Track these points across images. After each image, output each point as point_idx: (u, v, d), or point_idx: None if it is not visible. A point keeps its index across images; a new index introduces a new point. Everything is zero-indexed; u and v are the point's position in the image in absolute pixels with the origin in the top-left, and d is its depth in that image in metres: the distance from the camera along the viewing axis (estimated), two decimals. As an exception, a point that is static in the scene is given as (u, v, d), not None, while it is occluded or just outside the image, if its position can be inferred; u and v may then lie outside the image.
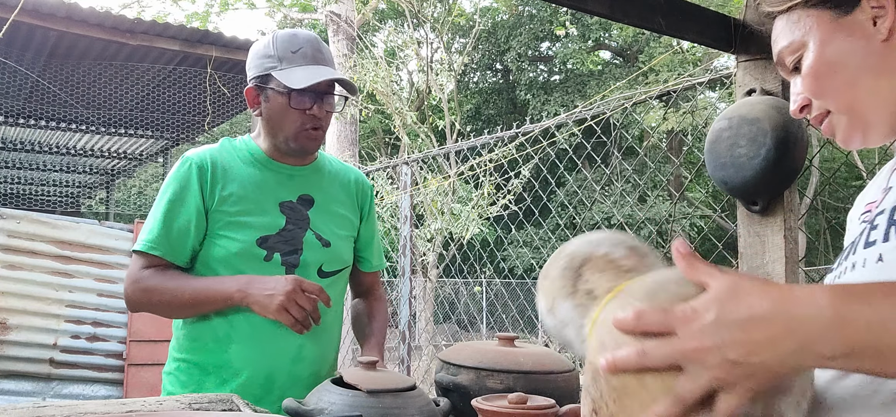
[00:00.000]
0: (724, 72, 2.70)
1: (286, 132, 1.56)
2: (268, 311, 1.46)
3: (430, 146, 8.15)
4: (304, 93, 1.53)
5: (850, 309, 0.60)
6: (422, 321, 8.73)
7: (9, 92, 5.69)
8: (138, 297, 1.53)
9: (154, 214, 1.55)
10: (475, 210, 6.83)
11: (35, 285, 4.26)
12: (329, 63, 1.59)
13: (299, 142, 1.57)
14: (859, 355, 0.60)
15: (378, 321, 1.76)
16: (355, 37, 9.11)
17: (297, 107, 1.54)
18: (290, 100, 1.54)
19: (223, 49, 5.76)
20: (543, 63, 20.14)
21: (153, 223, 1.54)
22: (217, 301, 1.50)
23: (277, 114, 1.56)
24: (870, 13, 0.79)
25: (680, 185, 14.40)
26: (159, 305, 1.54)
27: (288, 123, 1.55)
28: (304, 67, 1.53)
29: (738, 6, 5.25)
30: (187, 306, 1.53)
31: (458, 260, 6.93)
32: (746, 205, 1.85)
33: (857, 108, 0.83)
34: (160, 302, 1.53)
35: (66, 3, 5.00)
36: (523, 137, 4.00)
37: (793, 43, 0.85)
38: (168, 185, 1.56)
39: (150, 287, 1.52)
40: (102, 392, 4.50)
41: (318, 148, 1.63)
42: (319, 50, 1.58)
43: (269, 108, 1.57)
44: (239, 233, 1.53)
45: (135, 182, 9.45)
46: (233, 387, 1.51)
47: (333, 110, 1.61)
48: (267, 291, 1.46)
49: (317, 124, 1.57)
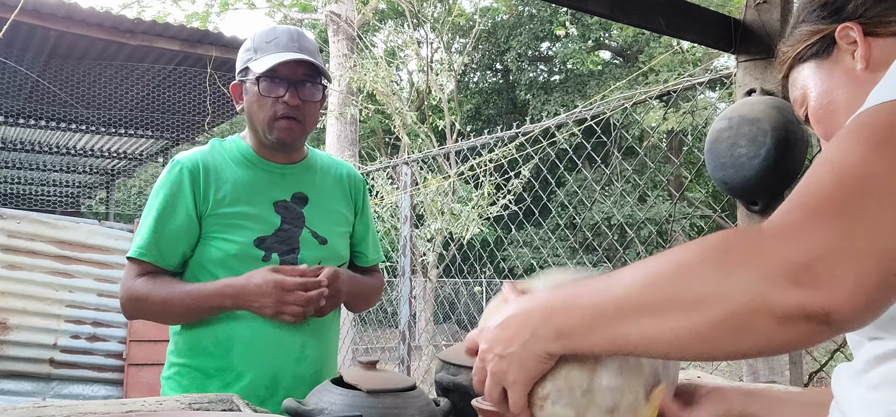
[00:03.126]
0: (724, 72, 2.69)
1: (261, 122, 1.54)
2: (259, 311, 1.49)
3: (430, 146, 8.15)
4: (275, 80, 1.51)
5: (556, 300, 0.71)
6: (422, 321, 8.73)
7: (9, 92, 5.69)
8: (132, 307, 1.54)
9: (145, 219, 1.55)
10: (475, 210, 6.83)
11: (35, 285, 4.26)
12: (306, 52, 1.54)
13: (274, 133, 1.54)
14: (570, 335, 0.69)
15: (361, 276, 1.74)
16: (355, 37, 9.11)
17: (266, 94, 1.52)
18: (259, 86, 1.52)
19: (223, 49, 5.77)
20: (543, 63, 20.14)
21: (144, 229, 1.53)
22: (209, 310, 1.52)
23: (252, 104, 1.55)
24: (847, 50, 0.85)
25: (680, 185, 14.39)
26: (152, 314, 1.55)
27: (261, 113, 1.53)
28: (275, 55, 1.51)
29: (738, 6, 5.24)
30: (179, 315, 1.54)
31: (458, 260, 6.93)
32: (746, 205, 1.85)
33: None
34: (151, 312, 1.54)
35: (66, 3, 5.00)
36: (523, 137, 4.00)
37: (797, 98, 0.93)
38: (158, 190, 1.55)
39: (141, 295, 1.51)
40: (102, 392, 4.49)
41: (298, 140, 1.59)
42: (295, 40, 1.55)
43: (247, 100, 1.57)
44: (235, 235, 1.52)
45: (135, 182, 9.45)
46: (236, 390, 1.50)
47: (313, 100, 1.57)
48: (255, 303, 1.47)
49: (291, 113, 1.53)
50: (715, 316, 0.59)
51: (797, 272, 0.55)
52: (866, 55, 0.83)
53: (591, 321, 0.67)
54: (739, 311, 0.57)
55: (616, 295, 0.66)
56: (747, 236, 0.59)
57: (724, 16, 1.94)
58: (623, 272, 0.67)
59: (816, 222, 0.56)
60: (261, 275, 1.47)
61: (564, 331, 0.69)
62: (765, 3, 1.89)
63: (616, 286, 0.66)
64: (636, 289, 0.64)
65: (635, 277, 0.65)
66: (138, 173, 8.76)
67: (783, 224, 0.58)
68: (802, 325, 0.56)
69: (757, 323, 0.57)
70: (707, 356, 0.63)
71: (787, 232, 0.57)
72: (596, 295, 0.68)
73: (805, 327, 0.56)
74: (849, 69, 0.85)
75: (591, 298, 0.68)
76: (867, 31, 0.83)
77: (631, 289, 0.65)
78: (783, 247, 0.56)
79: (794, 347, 0.59)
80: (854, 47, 0.84)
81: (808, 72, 0.90)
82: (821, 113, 0.88)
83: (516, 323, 0.73)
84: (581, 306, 0.68)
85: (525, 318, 0.73)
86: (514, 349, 0.73)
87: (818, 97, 0.88)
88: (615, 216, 11.44)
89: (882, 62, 0.82)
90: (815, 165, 0.61)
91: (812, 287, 0.54)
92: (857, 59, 0.84)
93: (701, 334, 0.60)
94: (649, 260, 0.66)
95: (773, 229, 0.58)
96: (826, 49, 0.87)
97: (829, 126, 0.88)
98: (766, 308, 0.56)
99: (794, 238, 0.56)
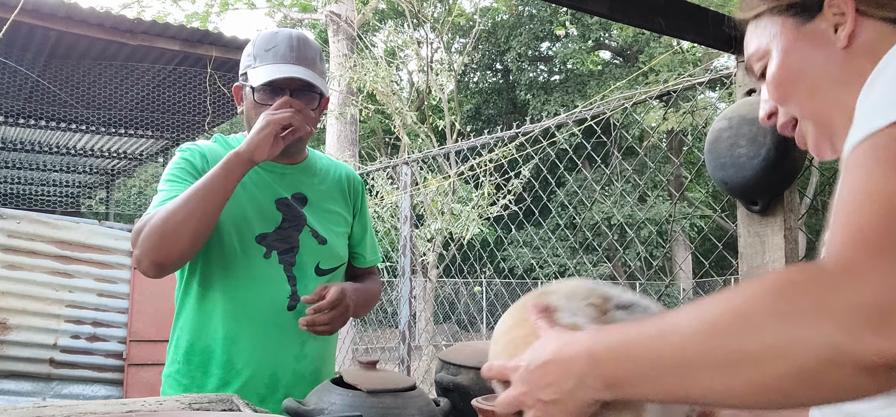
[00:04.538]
0: (724, 72, 2.69)
1: None
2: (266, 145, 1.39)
3: (430, 146, 8.15)
4: (271, 91, 1.50)
5: (599, 348, 0.68)
6: (422, 321, 8.73)
7: (9, 92, 5.69)
8: (149, 238, 1.39)
9: (160, 194, 1.49)
10: (475, 210, 6.83)
11: (35, 285, 4.26)
12: (306, 62, 1.53)
13: None
14: (621, 385, 0.66)
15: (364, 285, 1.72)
16: (355, 37, 9.11)
17: (261, 103, 1.51)
18: (255, 95, 1.52)
19: (223, 49, 5.77)
20: (543, 63, 20.15)
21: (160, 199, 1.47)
22: (221, 178, 1.40)
23: (249, 110, 1.55)
24: (831, 20, 0.80)
25: (680, 185, 14.39)
26: (171, 228, 1.38)
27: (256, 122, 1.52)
28: (272, 65, 1.50)
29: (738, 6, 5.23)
30: (198, 204, 1.38)
31: (458, 260, 6.93)
32: (746, 205, 1.85)
33: (821, 117, 0.83)
34: (171, 224, 1.37)
35: (66, 3, 5.00)
36: (523, 137, 3.99)
37: (758, 49, 0.87)
38: (173, 174, 1.52)
39: (157, 219, 1.39)
40: (102, 392, 4.49)
41: (294, 146, 1.57)
42: (295, 48, 1.52)
43: (246, 105, 1.57)
44: (237, 230, 1.53)
45: (135, 182, 9.45)
46: (235, 388, 1.50)
47: (310, 107, 1.53)
48: (253, 136, 1.40)
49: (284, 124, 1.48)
50: (788, 370, 0.54)
51: (871, 317, 0.50)
52: (851, 33, 0.78)
53: (644, 373, 0.64)
54: (813, 364, 0.53)
55: (673, 347, 0.61)
56: (809, 279, 0.54)
57: (724, 16, 1.94)
58: (676, 318, 0.63)
59: (880, 261, 0.52)
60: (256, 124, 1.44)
61: (615, 382, 0.66)
62: (765, 3, 1.89)
63: (671, 336, 0.62)
64: (696, 342, 0.60)
65: (692, 327, 0.60)
66: (138, 173, 8.76)
67: (844, 265, 0.54)
68: (884, 374, 0.51)
69: (834, 375, 0.52)
70: (781, 407, 0.58)
71: (851, 274, 0.52)
72: (649, 345, 0.64)
73: (888, 375, 0.51)
74: (826, 41, 0.80)
75: (644, 350, 0.64)
76: (860, 7, 0.78)
77: (690, 341, 0.60)
78: (851, 291, 0.52)
79: (877, 394, 0.54)
80: (840, 20, 0.79)
81: (780, 29, 0.84)
82: (783, 76, 0.84)
83: (558, 370, 0.71)
84: (632, 358, 0.65)
85: (567, 365, 0.70)
86: (559, 396, 0.70)
87: (784, 59, 0.83)
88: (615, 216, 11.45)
89: (864, 47, 0.78)
90: (850, 197, 0.58)
91: (891, 332, 0.50)
92: (839, 34, 0.79)
93: (773, 387, 0.55)
94: (704, 306, 0.61)
95: (835, 271, 0.54)
96: (809, 11, 0.82)
97: (788, 93, 0.84)
98: (843, 359, 0.51)
99: (861, 280, 0.52)
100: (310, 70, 1.53)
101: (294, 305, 1.55)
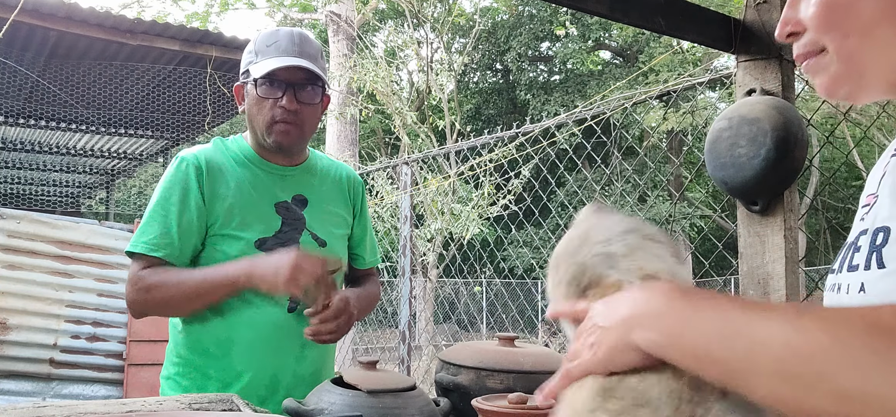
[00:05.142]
0: (724, 72, 2.69)
1: (259, 125, 1.54)
2: (277, 288, 1.40)
3: (430, 146, 8.15)
4: (273, 83, 1.51)
5: (676, 303, 0.64)
6: (422, 321, 8.73)
7: (9, 92, 5.68)
8: (142, 298, 1.48)
9: (155, 215, 1.51)
10: (475, 210, 6.83)
11: (35, 285, 4.26)
12: (307, 56, 1.54)
13: (272, 136, 1.54)
14: (673, 347, 0.63)
15: (364, 290, 1.73)
16: (355, 37, 9.11)
17: (263, 97, 1.52)
18: (257, 89, 1.53)
19: (223, 49, 5.77)
20: (543, 63, 20.15)
21: (155, 224, 1.50)
22: (222, 288, 1.46)
23: (251, 106, 1.56)
24: None
25: (680, 185, 14.39)
26: (163, 303, 1.48)
27: (260, 116, 1.54)
28: (274, 58, 1.51)
29: (738, 6, 5.24)
30: (192, 298, 1.47)
31: (458, 260, 6.93)
32: (746, 205, 1.85)
33: (860, 58, 0.72)
34: (163, 299, 1.48)
35: (66, 3, 4.99)
36: (523, 137, 4.00)
37: None
38: (168, 186, 1.53)
39: (151, 284, 1.47)
40: (102, 392, 4.50)
41: (297, 144, 1.58)
42: (297, 43, 1.54)
43: (247, 103, 1.57)
44: (237, 237, 1.52)
45: (135, 182, 9.45)
46: (236, 389, 1.50)
47: (312, 103, 1.55)
48: (271, 267, 1.41)
49: (288, 118, 1.52)
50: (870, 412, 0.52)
51: None
52: None
53: (707, 346, 0.61)
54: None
55: (753, 339, 0.58)
56: None
57: (724, 16, 1.94)
58: (766, 310, 0.60)
59: None
60: (280, 253, 1.45)
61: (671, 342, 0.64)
62: (765, 3, 1.89)
63: (758, 328, 0.58)
64: (779, 345, 0.56)
65: (783, 331, 0.57)
66: (138, 173, 8.76)
67: None
68: None
69: None
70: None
71: None
72: (726, 325, 0.60)
73: None
74: None
75: (719, 325, 0.61)
76: None
77: (774, 341, 0.57)
78: None
79: None
80: None
81: None
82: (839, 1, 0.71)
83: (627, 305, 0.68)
84: (700, 331, 0.62)
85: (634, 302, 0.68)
86: (612, 322, 0.68)
87: None
88: (615, 216, 11.41)
89: None
90: None
91: None
92: None
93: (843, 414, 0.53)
94: (800, 314, 0.58)
95: None
96: None
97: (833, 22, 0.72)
98: None
99: None
100: (312, 63, 1.54)
101: (294, 307, 1.54)
